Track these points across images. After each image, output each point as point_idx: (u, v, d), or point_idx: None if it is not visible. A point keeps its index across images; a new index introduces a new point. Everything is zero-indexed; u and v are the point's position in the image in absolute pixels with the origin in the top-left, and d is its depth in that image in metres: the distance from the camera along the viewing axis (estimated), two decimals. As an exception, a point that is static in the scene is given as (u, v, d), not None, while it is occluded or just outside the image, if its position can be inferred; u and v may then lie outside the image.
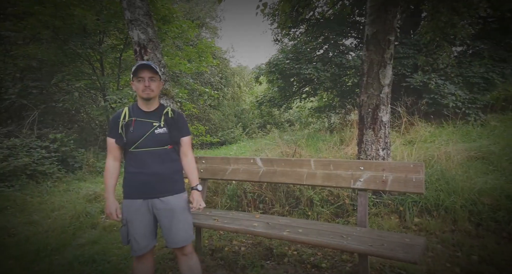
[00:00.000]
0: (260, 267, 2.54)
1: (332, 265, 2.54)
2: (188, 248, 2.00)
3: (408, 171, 2.37)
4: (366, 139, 3.74)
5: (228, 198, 3.95)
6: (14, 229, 3.77)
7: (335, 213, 3.46)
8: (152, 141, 1.93)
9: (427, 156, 4.10)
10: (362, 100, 3.79)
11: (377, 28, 3.56)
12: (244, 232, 2.48)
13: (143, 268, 2.02)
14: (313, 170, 2.76)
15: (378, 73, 3.63)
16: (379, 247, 1.98)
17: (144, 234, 1.95)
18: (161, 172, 1.94)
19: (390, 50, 3.59)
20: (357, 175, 2.54)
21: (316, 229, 2.36)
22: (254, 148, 6.89)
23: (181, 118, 2.08)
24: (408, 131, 5.70)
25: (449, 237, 2.77)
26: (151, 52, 4.22)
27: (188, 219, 2.01)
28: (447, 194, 3.17)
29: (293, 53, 10.20)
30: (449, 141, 4.65)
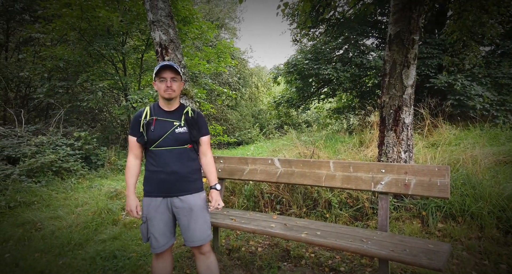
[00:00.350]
0: (277, 268, 2.52)
1: (351, 269, 2.48)
2: (205, 247, 2.00)
3: (433, 175, 2.29)
4: (387, 141, 3.65)
5: (245, 198, 3.95)
6: (41, 224, 3.93)
7: (354, 216, 3.40)
8: (173, 140, 1.96)
9: (451, 160, 3.95)
10: (384, 101, 3.70)
11: (401, 27, 3.46)
12: (262, 233, 2.46)
13: (162, 265, 2.05)
14: (332, 171, 2.71)
15: (401, 73, 3.53)
16: (400, 253, 1.92)
17: (164, 232, 1.98)
18: (180, 171, 1.96)
19: (414, 50, 3.48)
20: (378, 178, 2.48)
21: (334, 232, 2.32)
22: (271, 149, 6.86)
23: (201, 117, 2.10)
24: (431, 134, 5.52)
25: (475, 244, 2.65)
26: (172, 53, 4.29)
27: (206, 218, 2.03)
28: (473, 200, 3.03)
29: (312, 53, 10.12)
30: (475, 145, 4.46)
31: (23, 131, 7.45)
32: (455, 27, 4.31)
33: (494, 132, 5.49)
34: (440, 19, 8.28)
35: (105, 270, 2.71)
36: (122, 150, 8.88)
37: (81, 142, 7.23)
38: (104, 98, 10.18)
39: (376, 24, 10.27)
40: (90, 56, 8.78)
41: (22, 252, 3.18)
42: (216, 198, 2.03)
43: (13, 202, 4.59)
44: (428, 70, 7.41)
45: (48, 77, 9.56)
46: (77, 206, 4.51)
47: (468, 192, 3.12)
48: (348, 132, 8.58)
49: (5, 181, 5.23)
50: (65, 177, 6.09)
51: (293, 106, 12.21)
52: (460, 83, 6.53)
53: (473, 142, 4.65)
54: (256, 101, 19.82)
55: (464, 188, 3.18)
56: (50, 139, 7.01)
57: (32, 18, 11.12)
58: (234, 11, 19.75)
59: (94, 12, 7.50)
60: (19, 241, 3.48)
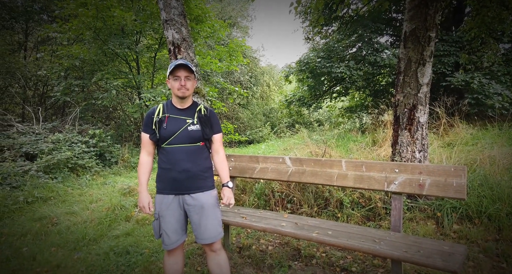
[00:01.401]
0: (287, 267, 2.52)
1: (362, 270, 2.45)
2: (216, 245, 2.01)
3: (448, 175, 2.23)
4: (401, 141, 3.58)
5: (256, 196, 3.95)
6: (57, 219, 4.03)
7: (366, 216, 3.35)
8: (185, 138, 1.97)
9: (468, 160, 3.85)
10: (398, 100, 3.63)
11: (417, 24, 3.38)
12: (272, 232, 2.46)
13: (174, 262, 2.07)
14: (344, 171, 2.68)
15: (416, 71, 3.46)
16: (414, 254, 1.88)
17: (175, 229, 2.00)
18: (192, 169, 1.97)
19: (430, 47, 3.40)
20: (392, 177, 2.44)
21: (346, 231, 2.30)
22: (282, 148, 6.84)
23: (213, 115, 2.10)
24: (447, 133, 5.39)
25: (492, 247, 2.57)
26: (184, 51, 4.32)
27: (217, 216, 2.03)
28: (491, 201, 2.95)
29: (324, 51, 10.02)
30: (493, 145, 4.33)
31: (41, 128, 7.66)
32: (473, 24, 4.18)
33: (513, 132, 5.32)
34: (458, 15, 8.06)
35: (118, 266, 2.76)
36: (135, 148, 9.02)
37: (96, 140, 7.38)
38: (118, 96, 10.37)
39: (390, 21, 10.09)
40: (105, 55, 8.94)
41: (39, 246, 3.28)
42: (228, 196, 2.05)
43: (31, 197, 4.73)
44: (444, 68, 7.22)
45: (64, 76, 9.79)
46: (91, 202, 4.61)
47: (485, 193, 3.03)
48: (361, 131, 8.47)
49: (24, 177, 5.39)
50: (80, 173, 6.23)
51: (304, 105, 12.12)
52: (477, 82, 6.34)
53: (491, 142, 4.51)
54: (268, 99, 19.78)
55: (481, 189, 3.09)
56: (66, 136, 7.18)
57: (49, 18, 11.41)
58: (247, 9, 19.74)
59: (109, 12, 7.63)
60: (36, 235, 3.58)
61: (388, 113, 7.35)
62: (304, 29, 11.21)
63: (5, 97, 11.23)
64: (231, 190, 2.08)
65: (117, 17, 7.68)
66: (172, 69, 1.96)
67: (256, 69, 18.38)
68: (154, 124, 2.00)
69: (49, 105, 11.18)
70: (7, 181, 5.21)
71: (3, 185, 5.06)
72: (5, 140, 6.43)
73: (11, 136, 6.81)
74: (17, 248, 3.25)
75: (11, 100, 11.25)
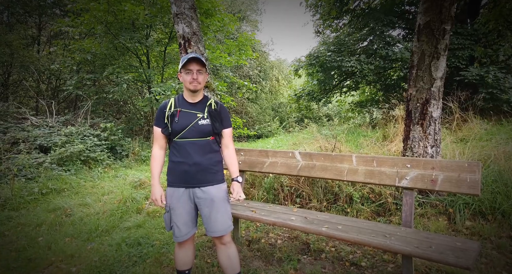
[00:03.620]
0: (296, 261, 2.53)
1: (372, 265, 2.45)
2: (226, 238, 2.03)
3: (462, 171, 2.19)
4: (413, 136, 3.53)
5: (265, 190, 3.96)
6: (70, 210, 4.13)
7: (376, 211, 3.33)
8: (196, 132, 1.98)
9: (482, 156, 3.77)
10: (410, 94, 3.57)
11: (431, 17, 3.30)
12: (282, 225, 2.46)
13: (184, 254, 2.10)
14: (354, 166, 2.66)
15: (430, 65, 3.39)
16: (426, 249, 1.87)
17: (186, 221, 2.02)
18: (202, 162, 1.98)
19: (445, 40, 3.32)
20: (403, 173, 2.41)
21: (356, 226, 2.29)
22: (291, 142, 6.82)
23: (224, 110, 2.10)
24: (460, 128, 5.28)
25: (506, 244, 2.53)
26: (194, 45, 4.32)
27: (227, 209, 2.04)
28: (505, 197, 2.89)
29: (335, 45, 9.89)
30: (509, 140, 4.23)
31: (54, 121, 7.81)
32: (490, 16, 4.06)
33: (530, 128, 5.18)
34: (473, 7, 7.82)
35: (130, 256, 2.82)
36: (145, 141, 9.13)
37: (107, 133, 7.48)
38: (129, 90, 10.47)
39: (403, 14, 9.87)
40: (115, 49, 9.02)
41: (54, 236, 3.37)
42: (237, 190, 2.06)
43: (45, 189, 4.84)
44: (458, 62, 7.05)
45: (76, 70, 9.93)
46: (103, 194, 4.70)
47: (499, 189, 2.97)
48: (371, 126, 8.37)
49: (38, 169, 5.52)
50: (92, 166, 6.35)
51: (314, 99, 12.02)
52: (492, 76, 6.17)
53: (507, 137, 4.41)
54: (277, 94, 19.70)
55: (496, 185, 3.03)
56: (78, 129, 7.31)
57: (62, 12, 11.55)
58: (256, 2, 19.59)
59: (120, 6, 7.67)
60: (51, 226, 3.68)
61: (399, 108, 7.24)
62: (314, 22, 11.08)
63: (20, 90, 11.47)
64: (240, 185, 2.10)
65: (128, 11, 7.71)
66: (185, 63, 1.96)
67: (265, 63, 18.28)
68: (166, 118, 2.01)
69: (61, 98, 11.37)
70: (23, 172, 5.34)
71: (19, 177, 5.20)
72: (20, 133, 6.59)
73: (25, 128, 6.97)
74: (33, 238, 3.35)
75: (25, 93, 11.49)
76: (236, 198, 2.04)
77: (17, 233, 3.51)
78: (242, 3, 18.43)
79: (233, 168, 2.13)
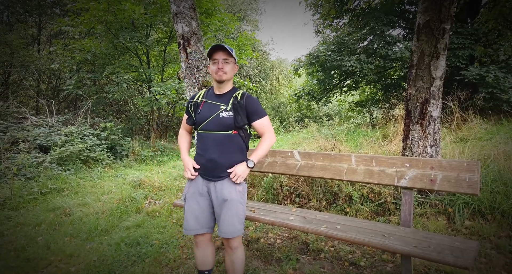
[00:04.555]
0: (295, 260, 2.52)
1: (371, 264, 2.44)
2: (233, 242, 1.94)
3: (461, 170, 2.19)
4: (412, 135, 3.52)
5: (264, 190, 3.96)
6: (70, 209, 4.13)
7: (375, 211, 3.33)
8: (216, 125, 1.91)
9: (481, 155, 3.76)
10: (410, 94, 3.56)
11: (431, 16, 3.30)
12: (281, 225, 2.46)
13: (202, 254, 2.04)
14: (353, 165, 2.65)
15: (430, 64, 3.38)
16: (425, 249, 1.86)
17: (196, 216, 1.95)
18: (219, 160, 1.91)
19: (444, 39, 3.31)
20: (402, 172, 2.40)
21: (355, 226, 2.28)
22: (291, 142, 6.82)
23: (251, 102, 1.96)
24: (460, 128, 5.27)
25: (505, 243, 2.53)
26: (194, 45, 4.32)
27: (238, 212, 1.92)
28: (504, 197, 2.89)
29: (335, 44, 9.88)
30: (508, 140, 4.22)
31: (54, 121, 7.81)
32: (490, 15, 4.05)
33: (529, 127, 5.17)
34: (473, 7, 7.81)
35: (129, 256, 2.82)
36: (145, 141, 9.13)
37: (107, 133, 7.48)
38: (129, 90, 10.47)
39: (403, 13, 9.85)
40: (115, 48, 9.02)
41: (53, 236, 3.37)
42: (236, 172, 1.91)
43: (45, 188, 4.84)
44: (458, 62, 7.04)
45: (76, 69, 9.93)
46: (103, 194, 4.70)
47: (499, 189, 2.97)
48: (371, 125, 8.36)
49: (38, 169, 5.52)
50: (92, 166, 6.35)
51: (314, 99, 12.00)
52: (493, 75, 6.16)
53: (506, 137, 4.40)
54: (277, 93, 19.68)
55: (495, 184, 3.03)
56: (78, 129, 7.31)
57: (62, 12, 11.54)
58: (256, 2, 19.57)
59: (120, 5, 7.67)
60: (50, 225, 3.68)
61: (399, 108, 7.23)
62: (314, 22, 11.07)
63: (20, 90, 11.47)
64: (245, 169, 1.93)
65: (128, 11, 7.71)
66: (209, 52, 1.93)
67: (265, 63, 18.27)
68: (190, 107, 2.03)
69: (61, 98, 11.37)
70: (22, 172, 5.34)
71: (18, 176, 5.20)
72: (20, 132, 6.59)
73: (25, 128, 6.97)
74: (32, 238, 3.35)
75: (25, 93, 11.49)
76: (232, 178, 1.91)
77: (16, 233, 3.51)
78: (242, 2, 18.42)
79: (255, 151, 1.98)
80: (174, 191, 4.50)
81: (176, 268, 2.59)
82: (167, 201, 4.11)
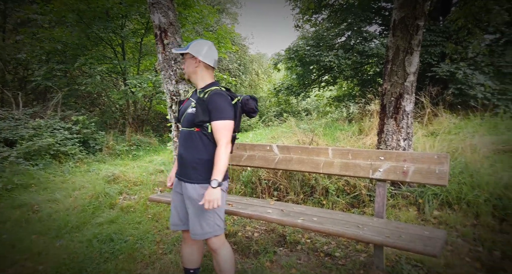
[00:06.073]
0: (273, 253, 2.54)
1: (346, 255, 2.50)
2: (210, 244, 1.88)
3: (431, 163, 2.27)
4: (387, 129, 3.62)
5: (243, 184, 3.95)
6: (38, 206, 3.94)
7: (351, 203, 3.40)
8: (185, 121, 1.96)
9: (450, 148, 3.94)
10: (385, 89, 3.65)
11: (406, 13, 3.37)
12: (258, 218, 2.46)
13: (188, 251, 2.05)
14: (330, 158, 2.69)
15: (404, 60, 3.47)
16: (396, 239, 1.92)
17: (178, 212, 2.00)
18: (185, 156, 1.91)
19: (418, 36, 3.40)
20: (377, 165, 2.46)
21: (331, 218, 2.32)
22: (270, 136, 6.84)
23: (213, 99, 1.84)
24: (431, 122, 5.48)
25: (470, 232, 2.67)
26: (171, 36, 4.20)
27: (207, 214, 1.83)
28: (470, 188, 3.04)
29: (314, 39, 9.96)
30: (475, 134, 4.44)
31: (21, 113, 7.39)
32: (461, 13, 4.21)
33: (494, 122, 5.45)
34: (446, 5, 8.09)
35: (101, 253, 2.73)
36: (120, 135, 8.85)
37: (79, 126, 7.18)
38: (103, 82, 10.08)
39: (380, 10, 10.05)
40: (88, 39, 8.62)
41: (19, 234, 3.20)
42: (205, 196, 1.74)
43: (11, 184, 4.59)
44: (431, 58, 7.29)
45: (46, 60, 9.41)
46: (74, 189, 4.52)
47: (465, 180, 3.12)
48: (348, 120, 8.53)
49: (2, 164, 5.22)
50: (63, 160, 6.08)
51: (293, 94, 12.09)
52: (462, 72, 6.43)
53: (473, 131, 4.63)
54: (256, 88, 19.64)
55: (462, 176, 3.18)
56: (47, 122, 6.96)
57: (29, -1, 10.86)
58: (236, -5, 19.31)
59: (92, -7, 7.32)
60: (16, 223, 3.49)
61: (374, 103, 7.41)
62: (294, 16, 11.08)
63: (-17, 81, 10.75)
64: (211, 191, 1.73)
65: (102, 0, 7.37)
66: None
67: (245, 57, 18.14)
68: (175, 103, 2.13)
69: (29, 90, 10.77)
70: (-15, 167, 5.03)
71: (-19, 172, 4.89)
72: (-18, 126, 6.19)
73: (-11, 121, 6.56)
74: (-4, 236, 3.17)
75: (-11, 84, 10.78)
76: (202, 203, 1.76)
77: (-21, 232, 3.31)
78: (222, -6, 18.13)
79: (214, 168, 1.79)
80: (150, 186, 4.39)
81: (152, 264, 2.54)
82: (143, 196, 4.01)
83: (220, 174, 1.76)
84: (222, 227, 1.91)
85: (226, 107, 1.84)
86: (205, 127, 1.87)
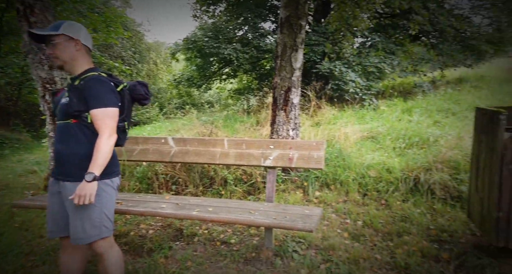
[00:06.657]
0: (168, 248, 2.48)
1: (240, 240, 2.63)
2: (97, 248, 1.69)
3: (311, 149, 2.57)
4: (278, 120, 3.92)
5: (137, 180, 3.72)
6: None
7: (248, 191, 3.59)
8: (59, 113, 1.72)
9: (330, 136, 4.54)
10: (276, 83, 3.93)
11: (290, 12, 3.67)
12: (151, 215, 2.36)
13: (64, 259, 1.81)
14: (226, 149, 2.78)
15: (291, 56, 3.79)
16: (282, 220, 2.12)
17: (54, 218, 1.74)
18: (62, 151, 1.67)
19: (301, 34, 3.76)
20: (267, 153, 2.65)
21: (226, 207, 2.40)
22: (169, 129, 6.60)
23: (89, 86, 1.63)
24: (316, 114, 6.19)
25: (341, 207, 3.15)
26: (40, 14, 3.57)
27: (92, 216, 1.64)
28: (342, 170, 3.58)
29: (212, 31, 9.93)
30: (348, 123, 5.23)
31: None
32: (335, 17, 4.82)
33: (361, 113, 6.52)
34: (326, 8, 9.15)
35: None
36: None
37: None
38: None
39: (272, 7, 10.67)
40: None
41: None
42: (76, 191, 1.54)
43: None
44: (315, 56, 8.17)
45: None
46: None
47: (340, 163, 3.66)
48: (247, 112, 8.90)
49: None
50: None
51: (194, 85, 11.87)
52: (338, 70, 7.44)
53: (347, 121, 5.44)
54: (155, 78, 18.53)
55: (337, 160, 3.71)
56: None
57: None
58: (127, -25, 17.60)
59: None
60: None
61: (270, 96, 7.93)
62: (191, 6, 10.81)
63: None
64: (84, 185, 1.54)
65: None
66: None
67: (140, 45, 16.85)
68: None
69: None
70: None
71: None
72: None
73: None
74: None
75: None
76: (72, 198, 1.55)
77: None
78: (110, -27, 16.25)
79: (92, 161, 1.59)
80: (19, 189, 3.70)
81: (18, 281, 2.16)
82: (7, 203, 3.35)
83: (97, 167, 1.57)
84: (110, 228, 1.73)
85: (106, 93, 1.65)
86: (83, 117, 1.65)
